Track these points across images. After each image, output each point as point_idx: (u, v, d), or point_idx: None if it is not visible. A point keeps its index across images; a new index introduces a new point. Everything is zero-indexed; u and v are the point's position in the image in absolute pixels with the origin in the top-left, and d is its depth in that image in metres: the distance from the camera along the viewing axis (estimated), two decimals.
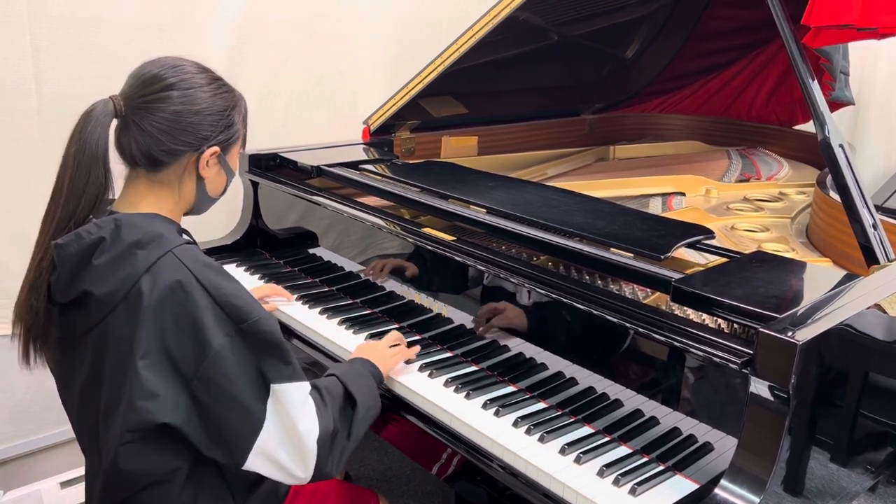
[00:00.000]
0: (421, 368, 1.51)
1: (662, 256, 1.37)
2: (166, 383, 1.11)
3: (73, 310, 1.17)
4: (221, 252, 2.12)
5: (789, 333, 1.06)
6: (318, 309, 1.79)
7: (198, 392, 1.12)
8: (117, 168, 1.24)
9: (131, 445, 1.13)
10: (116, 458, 1.14)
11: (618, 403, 1.33)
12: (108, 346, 1.14)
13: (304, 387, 1.18)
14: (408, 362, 1.53)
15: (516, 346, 1.49)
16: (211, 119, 1.21)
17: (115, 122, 1.20)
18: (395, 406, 1.46)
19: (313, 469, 1.17)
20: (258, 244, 2.19)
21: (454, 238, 1.61)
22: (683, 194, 2.19)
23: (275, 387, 1.14)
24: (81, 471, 1.35)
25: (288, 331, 1.77)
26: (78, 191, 1.16)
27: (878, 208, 1.45)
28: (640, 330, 1.26)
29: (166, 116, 1.17)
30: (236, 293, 1.13)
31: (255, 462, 1.14)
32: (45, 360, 1.26)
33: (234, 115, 1.25)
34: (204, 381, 1.11)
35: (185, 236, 1.22)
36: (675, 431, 1.25)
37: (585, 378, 1.38)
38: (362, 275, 1.85)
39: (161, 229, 1.16)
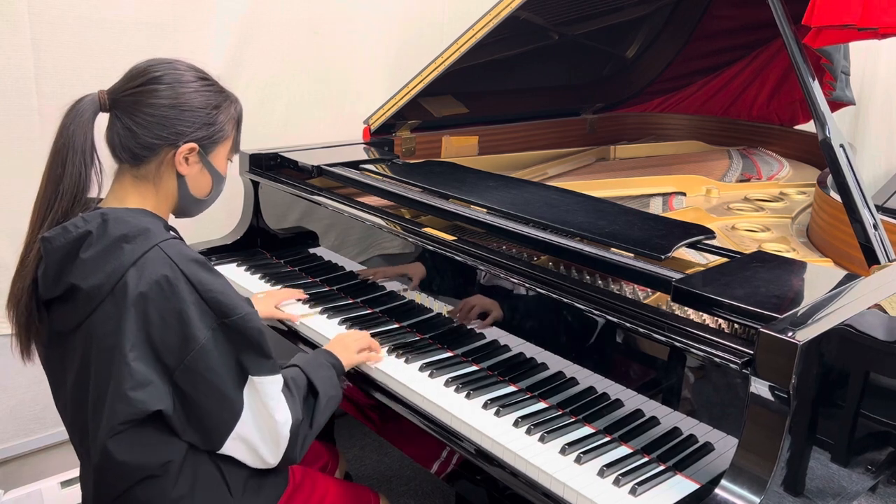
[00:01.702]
0: (421, 368, 1.51)
1: (663, 256, 1.37)
2: (153, 373, 1.14)
3: (61, 305, 1.18)
4: (222, 251, 2.12)
5: (790, 333, 1.06)
6: (319, 309, 1.79)
7: (180, 382, 1.14)
8: (112, 167, 1.25)
9: (120, 437, 1.14)
10: (106, 452, 1.15)
11: (618, 403, 1.33)
12: (94, 341, 1.15)
13: (279, 380, 1.23)
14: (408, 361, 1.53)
15: (517, 346, 1.49)
16: (188, 115, 1.21)
17: (108, 119, 1.22)
18: (395, 405, 1.46)
19: (282, 455, 1.24)
20: (259, 244, 2.19)
21: (455, 238, 1.61)
22: (684, 194, 2.18)
23: (254, 378, 1.18)
24: None
25: (288, 330, 1.77)
26: (55, 179, 1.18)
27: (879, 208, 1.45)
28: (641, 330, 1.26)
29: (144, 110, 1.19)
30: (221, 288, 1.16)
31: (231, 446, 1.20)
32: (41, 359, 1.27)
33: (215, 114, 1.24)
34: (187, 372, 1.14)
35: (171, 232, 1.23)
36: (675, 431, 1.25)
37: (586, 378, 1.38)
38: (363, 275, 1.85)
39: (148, 224, 1.18)
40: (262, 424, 1.20)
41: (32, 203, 1.22)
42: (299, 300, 1.83)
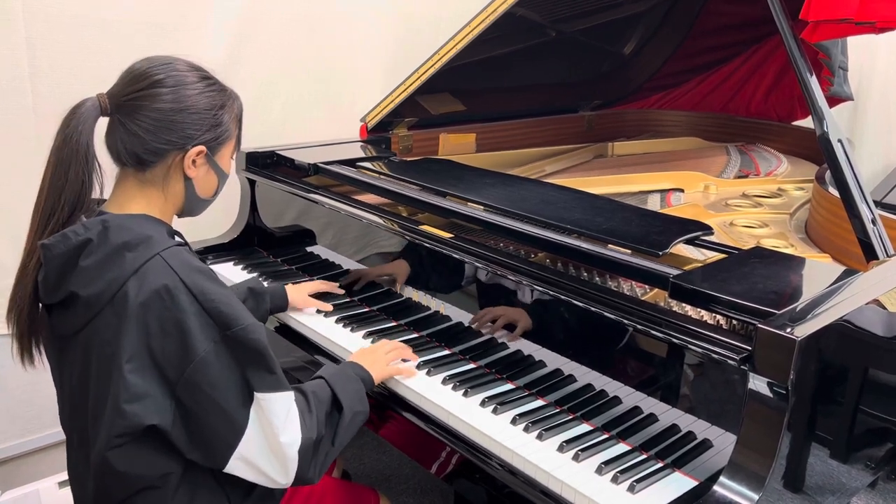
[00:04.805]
0: (419, 366, 1.51)
1: (661, 253, 1.36)
2: (152, 386, 1.11)
3: (62, 310, 1.17)
4: (219, 250, 2.12)
5: (788, 329, 1.05)
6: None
7: (181, 396, 1.11)
8: (112, 168, 1.23)
9: (120, 450, 1.12)
10: (105, 462, 1.13)
11: (616, 400, 1.32)
12: (93, 349, 1.14)
13: (288, 396, 1.18)
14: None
15: (514, 343, 1.49)
16: (195, 118, 1.18)
17: (107, 122, 1.20)
18: (393, 404, 1.46)
19: (294, 476, 1.18)
20: (256, 242, 2.18)
21: (452, 235, 1.60)
22: (682, 190, 2.18)
23: (258, 395, 1.14)
24: None
25: (285, 328, 1.77)
26: (57, 188, 1.16)
27: (877, 204, 1.45)
28: (639, 327, 1.26)
29: (149, 115, 1.16)
30: (224, 299, 1.12)
31: (236, 466, 1.15)
32: (47, 360, 1.27)
33: (221, 115, 1.22)
34: (188, 385, 1.11)
35: (176, 238, 1.21)
36: (673, 428, 1.25)
37: (584, 375, 1.37)
38: (360, 273, 1.84)
39: (151, 231, 1.15)
40: (267, 444, 1.15)
41: (29, 203, 1.21)
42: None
